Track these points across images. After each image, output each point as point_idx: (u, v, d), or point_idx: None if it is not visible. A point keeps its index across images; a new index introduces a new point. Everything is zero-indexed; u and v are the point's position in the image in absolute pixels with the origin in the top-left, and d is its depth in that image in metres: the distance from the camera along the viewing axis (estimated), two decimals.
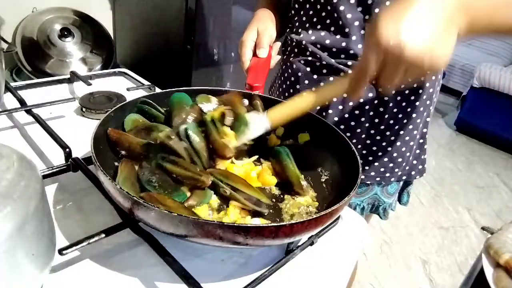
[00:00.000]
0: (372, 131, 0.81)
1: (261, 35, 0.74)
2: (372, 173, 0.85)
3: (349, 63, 0.75)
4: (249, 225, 0.40)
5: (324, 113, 0.80)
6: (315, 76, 0.80)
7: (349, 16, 0.73)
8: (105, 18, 1.94)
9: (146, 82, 0.99)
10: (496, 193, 2.61)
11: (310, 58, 0.80)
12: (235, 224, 0.40)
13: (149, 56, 1.88)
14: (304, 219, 0.41)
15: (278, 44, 0.81)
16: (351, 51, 0.74)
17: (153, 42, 1.83)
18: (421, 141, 0.87)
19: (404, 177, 0.88)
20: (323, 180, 0.61)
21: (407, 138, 0.83)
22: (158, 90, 0.93)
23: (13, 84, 0.87)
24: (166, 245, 0.46)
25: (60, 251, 0.42)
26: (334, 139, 0.62)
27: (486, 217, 2.33)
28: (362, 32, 0.73)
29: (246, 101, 0.70)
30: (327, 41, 0.76)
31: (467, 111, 3.29)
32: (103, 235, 0.46)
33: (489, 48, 3.86)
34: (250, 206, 0.51)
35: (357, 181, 0.50)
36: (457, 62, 3.76)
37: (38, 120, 0.70)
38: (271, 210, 0.54)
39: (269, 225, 0.40)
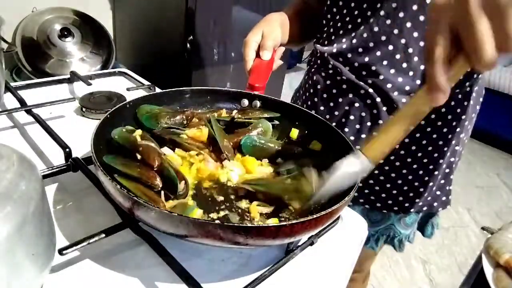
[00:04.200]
0: (392, 157, 0.75)
1: (265, 38, 0.73)
2: (390, 202, 0.80)
3: (370, 81, 0.71)
4: (249, 225, 0.40)
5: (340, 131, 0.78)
6: (334, 91, 0.76)
7: (376, 29, 0.68)
8: (105, 18, 1.94)
9: (146, 82, 0.99)
10: (496, 193, 2.61)
11: (331, 72, 0.76)
12: (235, 224, 0.40)
13: (149, 56, 1.88)
14: (304, 219, 0.41)
15: (282, 49, 0.80)
16: (373, 68, 0.70)
17: (153, 42, 1.83)
18: (447, 170, 0.80)
19: (424, 208, 0.81)
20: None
21: (431, 167, 0.76)
22: (158, 90, 0.93)
23: (13, 84, 0.87)
24: (166, 245, 0.46)
25: (60, 251, 0.42)
26: (334, 139, 0.62)
27: (486, 217, 2.33)
28: (391, 47, 0.68)
29: (246, 101, 0.71)
30: (349, 55, 0.72)
31: None
32: (103, 235, 0.46)
33: None
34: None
35: (357, 180, 0.50)
36: None
37: (38, 120, 0.70)
38: None
39: (269, 225, 0.40)
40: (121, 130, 0.58)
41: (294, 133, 0.67)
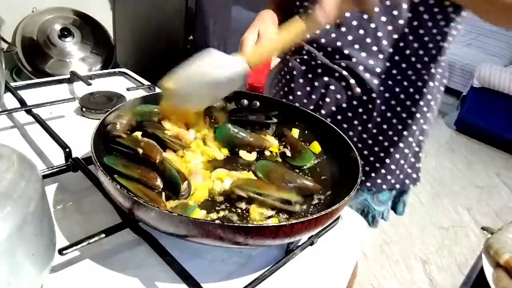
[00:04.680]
0: (365, 136, 0.80)
1: (262, 36, 0.74)
2: (362, 178, 0.83)
3: (343, 64, 0.75)
4: (249, 225, 0.40)
5: (317, 114, 0.80)
6: (310, 75, 0.80)
7: (347, 14, 0.72)
8: (105, 18, 1.94)
9: (146, 82, 0.99)
10: (496, 193, 2.61)
11: (305, 57, 0.80)
12: (235, 224, 0.40)
13: (149, 56, 1.88)
14: (304, 219, 0.41)
15: None
16: (346, 51, 0.74)
17: (153, 42, 1.83)
18: (416, 149, 0.85)
19: (397, 186, 0.86)
20: (323, 179, 0.61)
21: (401, 145, 0.81)
22: (158, 90, 0.93)
23: (13, 84, 0.87)
24: (166, 245, 0.46)
25: (60, 251, 0.42)
26: (335, 139, 0.62)
27: (486, 217, 2.33)
28: (361, 32, 0.72)
29: (245, 101, 0.71)
30: (323, 40, 0.76)
31: (467, 111, 3.29)
32: (103, 235, 0.46)
33: (489, 48, 3.86)
34: (280, 206, 0.50)
35: (357, 180, 0.50)
36: (457, 62, 3.77)
37: (38, 120, 0.70)
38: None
39: (269, 225, 0.40)
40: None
41: (295, 132, 0.67)
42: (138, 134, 0.58)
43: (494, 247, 0.63)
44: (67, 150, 0.60)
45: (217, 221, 0.44)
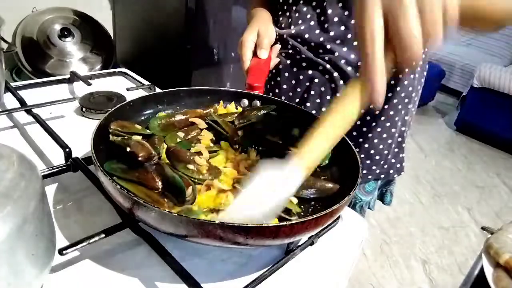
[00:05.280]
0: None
1: (262, 36, 0.74)
2: None
3: (326, 57, 0.77)
4: (249, 225, 0.40)
5: (303, 107, 0.80)
6: (294, 69, 0.82)
7: (329, 11, 0.74)
8: (105, 18, 1.94)
9: (146, 82, 0.99)
10: (496, 193, 2.61)
11: (290, 51, 0.81)
12: (235, 224, 0.40)
13: (149, 56, 1.88)
14: (304, 219, 0.41)
15: (278, 46, 0.81)
16: (328, 46, 0.76)
17: (153, 42, 1.83)
18: (399, 139, 0.87)
19: (382, 176, 0.88)
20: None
21: (384, 135, 0.83)
22: (158, 90, 0.93)
23: (13, 84, 0.87)
24: (166, 245, 0.46)
25: (60, 251, 0.42)
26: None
27: (486, 217, 2.33)
28: (342, 28, 0.74)
29: (246, 101, 0.71)
30: (306, 35, 0.78)
31: (467, 111, 3.30)
32: (103, 235, 0.46)
33: (489, 48, 3.86)
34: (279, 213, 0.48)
35: (358, 180, 0.50)
36: (457, 62, 3.77)
37: (38, 120, 0.70)
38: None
39: (269, 225, 0.40)
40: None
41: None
42: (137, 137, 0.58)
43: (494, 247, 0.63)
44: (67, 150, 0.60)
45: (217, 221, 0.43)
